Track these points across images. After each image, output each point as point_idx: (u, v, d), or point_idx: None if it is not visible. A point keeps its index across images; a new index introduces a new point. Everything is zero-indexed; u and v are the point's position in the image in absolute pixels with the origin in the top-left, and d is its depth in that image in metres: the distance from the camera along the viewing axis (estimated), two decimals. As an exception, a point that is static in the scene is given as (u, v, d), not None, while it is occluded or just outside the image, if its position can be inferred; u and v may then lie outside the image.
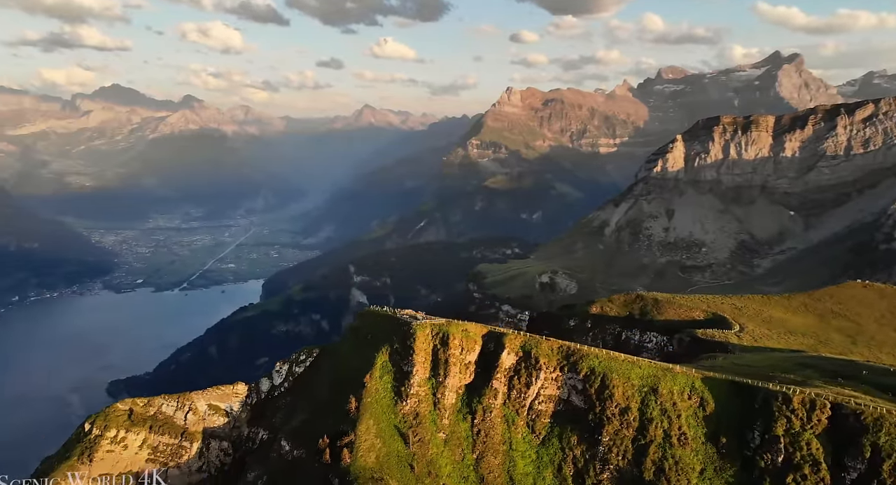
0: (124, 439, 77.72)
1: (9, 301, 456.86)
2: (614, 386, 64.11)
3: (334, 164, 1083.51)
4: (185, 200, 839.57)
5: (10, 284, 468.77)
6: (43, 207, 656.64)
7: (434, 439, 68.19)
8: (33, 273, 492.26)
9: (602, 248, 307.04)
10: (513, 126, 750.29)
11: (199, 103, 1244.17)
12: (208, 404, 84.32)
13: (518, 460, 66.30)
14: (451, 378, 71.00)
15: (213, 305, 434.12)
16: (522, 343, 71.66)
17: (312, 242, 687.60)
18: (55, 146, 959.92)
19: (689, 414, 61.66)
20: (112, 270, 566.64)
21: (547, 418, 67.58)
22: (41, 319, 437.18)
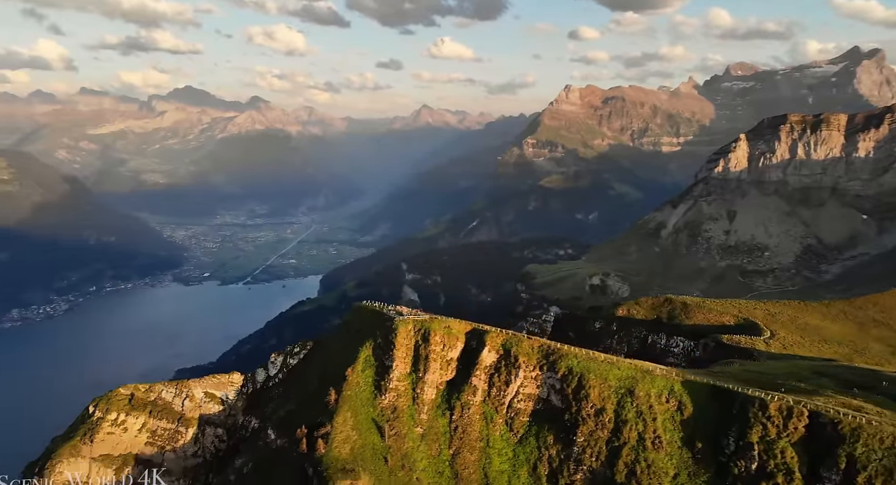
0: (124, 422, 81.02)
1: (87, 291, 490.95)
2: (591, 387, 63.60)
3: (392, 163, 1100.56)
4: (251, 197, 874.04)
5: (89, 274, 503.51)
6: (120, 203, 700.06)
7: (411, 434, 68.85)
8: (110, 265, 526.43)
9: (658, 250, 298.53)
10: (570, 125, 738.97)
11: (266, 104, 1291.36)
12: (205, 391, 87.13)
13: (494, 458, 66.43)
14: (430, 374, 71.48)
15: (274, 299, 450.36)
16: (503, 341, 71.89)
17: (369, 240, 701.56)
18: (132, 145, 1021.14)
19: (666, 417, 60.66)
20: (182, 264, 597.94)
21: (526, 417, 67.59)
22: (116, 308, 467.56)
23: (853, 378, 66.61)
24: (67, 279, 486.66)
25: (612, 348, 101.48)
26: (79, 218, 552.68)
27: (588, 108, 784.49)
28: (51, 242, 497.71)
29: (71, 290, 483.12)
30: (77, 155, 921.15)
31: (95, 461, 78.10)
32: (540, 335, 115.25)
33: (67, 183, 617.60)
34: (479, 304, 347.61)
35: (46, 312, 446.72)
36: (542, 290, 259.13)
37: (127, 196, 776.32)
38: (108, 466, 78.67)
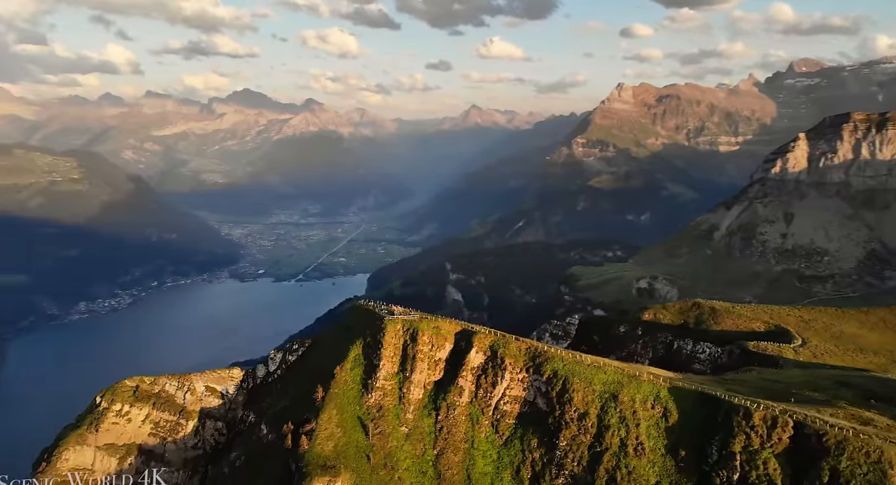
0: (128, 413, 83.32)
1: (149, 286, 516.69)
2: (574, 390, 62.86)
3: (441, 164, 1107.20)
4: (304, 197, 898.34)
5: (151, 270, 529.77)
6: (181, 202, 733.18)
7: (395, 433, 69.15)
8: (170, 261, 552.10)
9: (709, 253, 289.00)
10: (622, 123, 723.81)
11: (319, 106, 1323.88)
12: (206, 385, 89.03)
13: (478, 459, 66.09)
14: (417, 374, 71.73)
15: (324, 296, 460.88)
16: (491, 343, 71.29)
17: (416, 240, 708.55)
18: (193, 146, 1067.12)
19: (651, 424, 59.11)
20: (238, 261, 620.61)
21: (512, 419, 66.93)
22: (175, 303, 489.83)
23: (877, 389, 63.18)
24: (131, 274, 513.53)
25: (637, 353, 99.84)
26: (143, 216, 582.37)
27: (641, 107, 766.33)
28: (117, 238, 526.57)
29: (134, 284, 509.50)
30: (142, 155, 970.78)
31: (100, 450, 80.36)
32: (564, 339, 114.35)
33: (133, 182, 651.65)
34: (524, 305, 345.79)
35: (111, 306, 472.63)
36: (586, 292, 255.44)
37: (187, 195, 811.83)
38: (113, 455, 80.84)
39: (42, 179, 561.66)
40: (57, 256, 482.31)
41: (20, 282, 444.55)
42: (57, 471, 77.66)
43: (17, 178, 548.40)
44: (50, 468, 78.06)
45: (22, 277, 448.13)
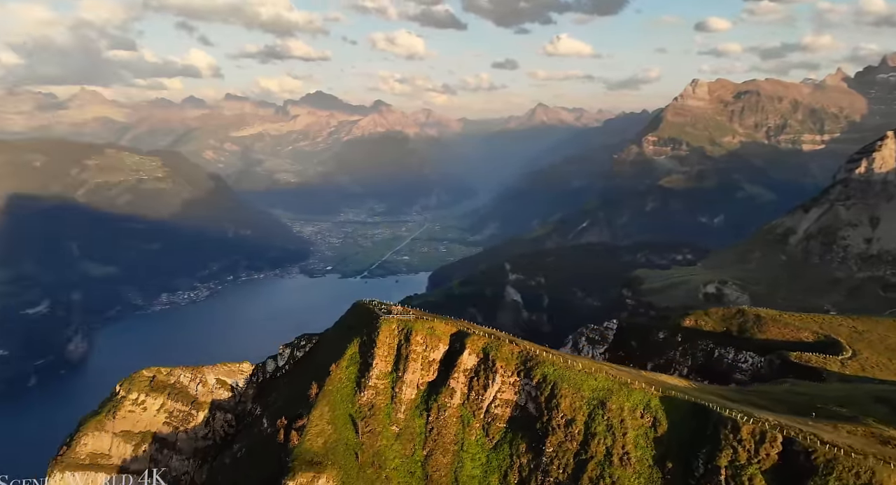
0: (144, 402, 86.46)
1: (225, 280, 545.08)
2: (562, 396, 61.51)
3: (505, 163, 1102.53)
4: (371, 196, 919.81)
5: (227, 265, 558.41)
6: (256, 200, 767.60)
7: (386, 432, 69.02)
8: (245, 256, 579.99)
9: (784, 258, 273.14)
10: (696, 121, 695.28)
11: (387, 107, 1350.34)
12: (217, 378, 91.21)
13: (467, 462, 65.33)
14: (409, 374, 71.48)
15: (386, 294, 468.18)
16: (484, 345, 70.35)
17: (477, 239, 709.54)
18: (269, 147, 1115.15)
19: (639, 434, 57.29)
20: (308, 257, 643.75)
21: (502, 423, 65.93)
22: (249, 296, 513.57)
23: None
24: (209, 268, 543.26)
25: (675, 361, 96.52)
26: (221, 213, 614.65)
27: (717, 104, 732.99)
28: (197, 234, 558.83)
29: (212, 278, 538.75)
30: (221, 155, 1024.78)
31: (117, 436, 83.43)
32: (601, 343, 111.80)
33: (212, 181, 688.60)
34: (585, 308, 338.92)
35: (191, 298, 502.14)
36: (650, 296, 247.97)
37: (262, 193, 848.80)
38: (128, 441, 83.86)
39: (130, 177, 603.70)
40: (142, 249, 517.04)
41: (109, 273, 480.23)
42: (76, 455, 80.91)
43: (108, 176, 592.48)
44: (70, 452, 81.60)
45: (111, 268, 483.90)
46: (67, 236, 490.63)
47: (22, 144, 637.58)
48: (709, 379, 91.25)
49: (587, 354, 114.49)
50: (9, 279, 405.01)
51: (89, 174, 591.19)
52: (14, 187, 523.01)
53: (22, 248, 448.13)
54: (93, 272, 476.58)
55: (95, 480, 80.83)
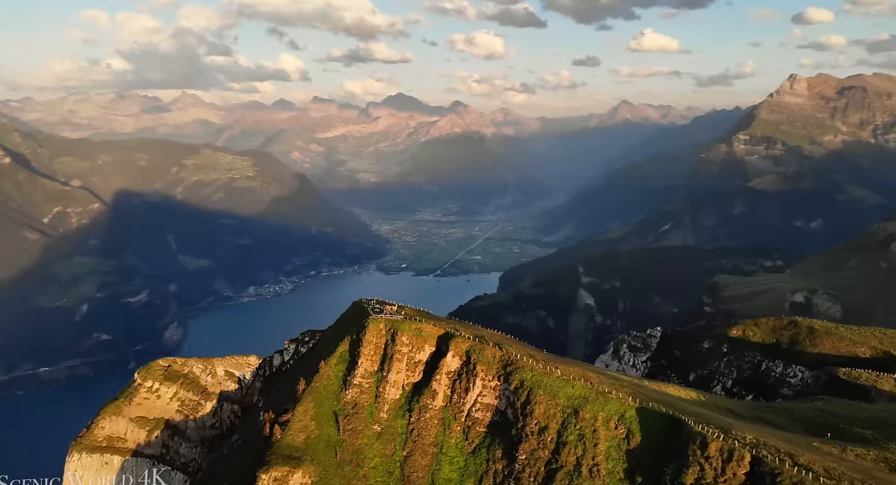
0: (158, 390, 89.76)
1: (307, 274, 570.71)
2: (537, 403, 60.33)
3: (584, 162, 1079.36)
4: (446, 196, 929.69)
5: (309, 260, 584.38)
6: (338, 199, 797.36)
7: (367, 430, 69.14)
8: (326, 253, 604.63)
9: (885, 266, 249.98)
10: (794, 118, 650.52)
11: (465, 108, 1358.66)
12: (225, 370, 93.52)
13: (445, 465, 64.61)
14: (393, 374, 71.46)
15: (458, 292, 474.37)
16: (468, 348, 69.37)
17: (551, 240, 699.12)
18: (351, 148, 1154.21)
19: (612, 445, 55.41)
20: (384, 255, 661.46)
21: (483, 427, 64.82)
22: (329, 291, 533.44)
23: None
24: (293, 263, 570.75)
25: (719, 372, 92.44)
26: (305, 211, 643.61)
27: (817, 100, 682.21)
28: (282, 230, 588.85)
29: (295, 272, 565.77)
30: (307, 156, 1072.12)
31: (132, 422, 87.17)
32: (643, 351, 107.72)
33: (298, 180, 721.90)
34: (663, 314, 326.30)
35: (275, 291, 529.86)
36: (731, 304, 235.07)
37: (344, 192, 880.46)
38: (143, 427, 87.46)
39: (223, 176, 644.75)
40: (233, 244, 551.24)
41: (203, 266, 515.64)
42: (94, 437, 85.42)
43: (204, 174, 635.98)
44: (88, 434, 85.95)
45: (204, 261, 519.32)
46: (166, 231, 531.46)
47: (129, 144, 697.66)
48: (754, 393, 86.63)
49: (628, 362, 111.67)
50: (114, 270, 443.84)
51: (187, 173, 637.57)
52: (122, 184, 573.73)
53: (126, 241, 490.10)
54: (189, 265, 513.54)
55: (111, 462, 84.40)
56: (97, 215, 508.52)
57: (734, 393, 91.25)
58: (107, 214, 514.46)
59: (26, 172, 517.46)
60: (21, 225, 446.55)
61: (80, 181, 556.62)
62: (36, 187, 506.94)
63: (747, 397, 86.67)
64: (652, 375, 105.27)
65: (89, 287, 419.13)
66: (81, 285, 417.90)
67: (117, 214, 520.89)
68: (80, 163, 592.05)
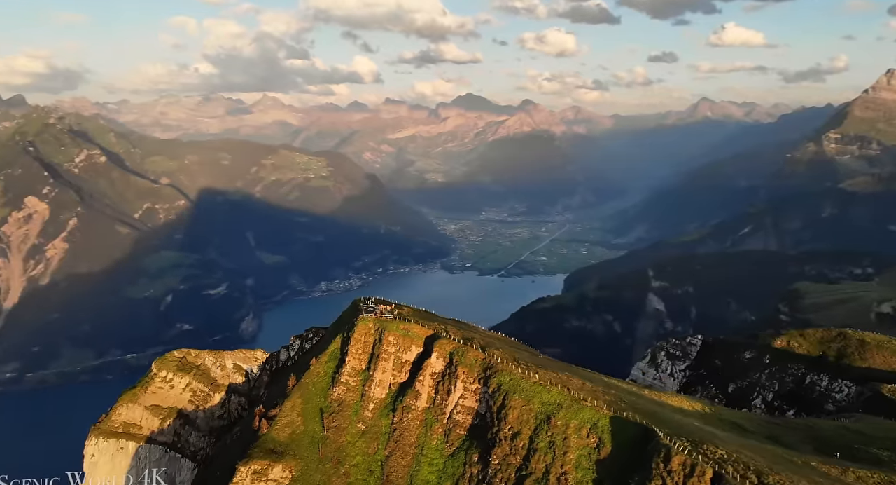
0: (172, 380, 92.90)
1: (375, 271, 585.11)
2: (511, 407, 59.63)
3: (659, 161, 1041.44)
4: (512, 195, 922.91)
5: (377, 258, 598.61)
6: (406, 198, 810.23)
7: (351, 428, 69.24)
8: (393, 251, 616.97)
9: None
10: (891, 116, 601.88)
11: (534, 107, 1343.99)
12: (234, 363, 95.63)
13: (424, 466, 63.91)
14: (379, 373, 71.58)
15: (522, 293, 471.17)
16: (452, 350, 68.55)
17: (622, 242, 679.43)
18: (420, 148, 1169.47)
19: (583, 454, 53.95)
20: (449, 254, 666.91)
21: (463, 430, 63.91)
22: (395, 288, 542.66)
23: None
24: (362, 260, 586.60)
25: (760, 384, 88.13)
26: (374, 210, 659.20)
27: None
28: (353, 228, 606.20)
29: (364, 269, 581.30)
30: (378, 156, 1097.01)
31: (147, 409, 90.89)
32: (682, 360, 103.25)
33: (368, 180, 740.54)
34: (739, 322, 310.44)
35: (345, 287, 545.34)
36: (809, 313, 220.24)
37: (412, 192, 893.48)
38: (157, 415, 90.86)
39: (299, 175, 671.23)
40: (307, 241, 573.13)
41: (278, 262, 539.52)
42: (111, 423, 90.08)
43: (281, 174, 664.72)
44: (107, 420, 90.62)
45: (279, 257, 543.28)
46: (245, 227, 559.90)
47: (214, 144, 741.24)
48: (795, 408, 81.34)
49: (665, 370, 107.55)
50: (196, 264, 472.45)
51: (266, 172, 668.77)
52: (206, 183, 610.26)
53: (208, 236, 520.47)
54: (265, 260, 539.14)
55: (126, 447, 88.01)
56: (183, 212, 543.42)
57: (775, 407, 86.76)
58: (191, 211, 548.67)
59: (120, 171, 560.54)
60: (114, 220, 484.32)
61: (169, 179, 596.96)
62: (128, 185, 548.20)
63: (788, 411, 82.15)
64: (690, 384, 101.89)
65: (174, 279, 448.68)
66: (166, 277, 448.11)
67: (201, 210, 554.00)
68: (169, 162, 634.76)
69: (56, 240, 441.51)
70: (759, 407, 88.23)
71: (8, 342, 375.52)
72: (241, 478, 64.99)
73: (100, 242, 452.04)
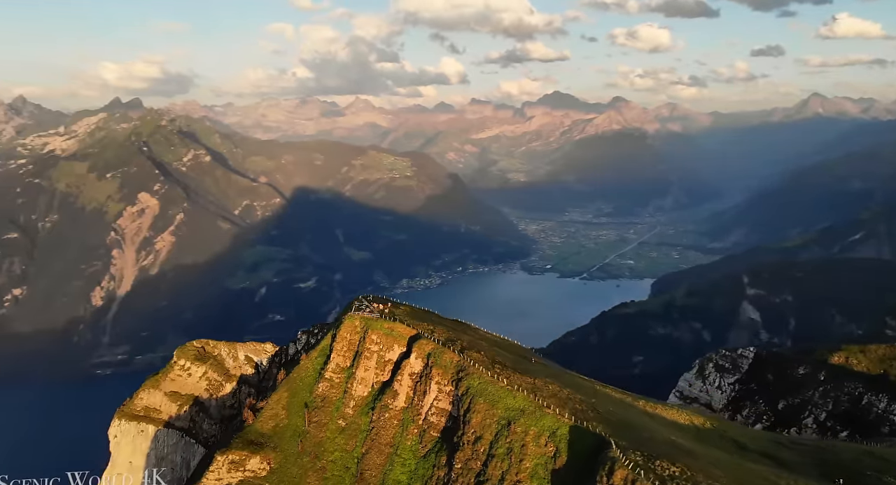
0: (190, 369, 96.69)
1: (455, 270, 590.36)
2: (475, 411, 58.94)
3: (762, 161, 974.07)
4: (599, 196, 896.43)
5: (456, 257, 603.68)
6: (488, 198, 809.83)
7: (331, 425, 69.66)
8: (473, 250, 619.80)
9: None
10: None
11: (626, 104, 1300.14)
12: (245, 355, 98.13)
13: (397, 466, 63.59)
14: (361, 371, 72.12)
15: (605, 297, 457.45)
16: (430, 350, 68.14)
17: (718, 247, 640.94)
18: (504, 148, 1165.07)
19: (540, 463, 52.46)
20: (529, 255, 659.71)
21: (437, 432, 63.33)
22: (474, 288, 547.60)
23: None
24: (442, 259, 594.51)
25: (813, 403, 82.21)
26: (455, 209, 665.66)
27: None
28: (434, 227, 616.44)
29: (444, 268, 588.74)
30: (461, 156, 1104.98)
31: (166, 395, 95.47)
32: (731, 372, 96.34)
33: (450, 179, 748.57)
34: (845, 335, 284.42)
35: (425, 284, 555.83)
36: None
37: (495, 192, 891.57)
38: (175, 401, 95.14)
39: (385, 175, 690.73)
40: (390, 239, 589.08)
41: (364, 258, 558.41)
42: (133, 407, 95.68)
43: (369, 174, 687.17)
44: (130, 403, 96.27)
45: (365, 254, 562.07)
46: (335, 225, 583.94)
47: (309, 145, 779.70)
48: (850, 430, 73.77)
49: (713, 383, 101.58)
50: (289, 258, 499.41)
51: (355, 172, 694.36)
52: (300, 182, 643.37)
53: (301, 233, 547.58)
54: (352, 256, 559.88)
55: (146, 430, 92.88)
56: (278, 209, 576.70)
57: (827, 428, 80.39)
58: (286, 208, 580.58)
59: (223, 170, 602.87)
60: (216, 216, 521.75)
61: (266, 178, 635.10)
62: (230, 183, 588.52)
63: (841, 433, 75.66)
64: (738, 399, 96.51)
65: (268, 272, 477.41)
66: (261, 271, 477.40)
67: (295, 208, 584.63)
68: (267, 162, 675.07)
69: (164, 233, 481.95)
70: (811, 427, 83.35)
71: (120, 327, 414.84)
72: (217, 467, 66.86)
73: (203, 236, 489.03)
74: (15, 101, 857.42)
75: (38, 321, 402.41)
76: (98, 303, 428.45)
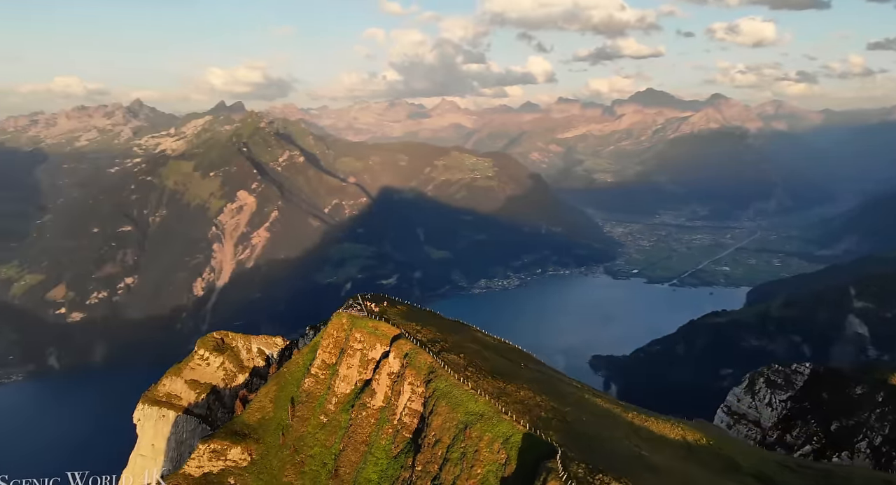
0: (209, 359, 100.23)
1: (534, 272, 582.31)
2: (437, 414, 58.58)
3: (881, 161, 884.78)
4: (693, 198, 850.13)
5: (536, 259, 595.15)
6: (572, 199, 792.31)
7: (314, 420, 70.49)
8: (554, 252, 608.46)
9: None
10: None
11: (725, 101, 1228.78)
12: (258, 347, 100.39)
13: (370, 465, 63.60)
14: (344, 368, 72.93)
15: (696, 305, 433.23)
16: (407, 351, 68.26)
17: (826, 255, 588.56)
18: (590, 147, 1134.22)
19: (491, 469, 51.38)
20: (614, 258, 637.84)
21: (409, 433, 62.83)
22: (554, 290, 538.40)
23: None
24: (521, 260, 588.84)
25: (868, 426, 75.30)
26: (537, 210, 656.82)
27: None
28: (514, 228, 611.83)
29: (523, 269, 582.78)
30: (545, 156, 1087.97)
31: (187, 383, 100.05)
32: (783, 389, 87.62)
33: (532, 179, 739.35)
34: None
35: (503, 285, 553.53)
36: None
37: (579, 192, 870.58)
38: (194, 389, 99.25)
39: (467, 176, 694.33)
40: (470, 239, 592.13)
41: (443, 257, 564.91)
42: (156, 392, 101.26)
43: (451, 174, 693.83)
44: (154, 389, 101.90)
45: (444, 253, 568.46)
46: (416, 224, 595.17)
47: (395, 146, 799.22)
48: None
49: (763, 399, 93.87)
50: (373, 255, 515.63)
51: (437, 172, 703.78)
52: (386, 182, 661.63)
53: (384, 231, 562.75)
54: (432, 255, 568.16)
55: (167, 415, 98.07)
56: (364, 208, 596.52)
57: (882, 453, 73.08)
58: (371, 207, 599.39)
59: (315, 170, 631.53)
60: (308, 214, 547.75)
61: (354, 178, 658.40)
62: (321, 182, 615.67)
63: None
64: (790, 417, 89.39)
65: (353, 269, 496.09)
66: (347, 267, 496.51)
67: (379, 207, 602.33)
68: (356, 163, 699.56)
69: (260, 229, 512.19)
70: (864, 451, 76.39)
71: (218, 316, 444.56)
72: (198, 454, 68.97)
73: (295, 233, 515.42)
74: (132, 105, 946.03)
75: (147, 309, 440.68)
76: (199, 293, 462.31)
